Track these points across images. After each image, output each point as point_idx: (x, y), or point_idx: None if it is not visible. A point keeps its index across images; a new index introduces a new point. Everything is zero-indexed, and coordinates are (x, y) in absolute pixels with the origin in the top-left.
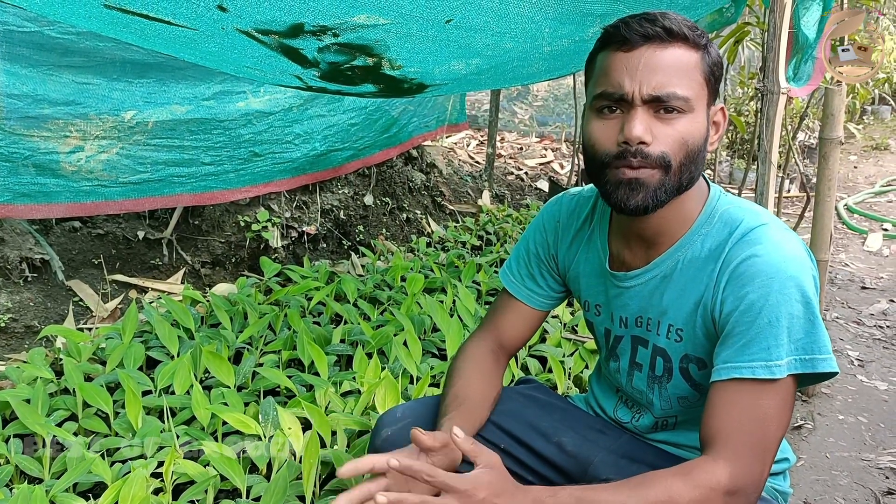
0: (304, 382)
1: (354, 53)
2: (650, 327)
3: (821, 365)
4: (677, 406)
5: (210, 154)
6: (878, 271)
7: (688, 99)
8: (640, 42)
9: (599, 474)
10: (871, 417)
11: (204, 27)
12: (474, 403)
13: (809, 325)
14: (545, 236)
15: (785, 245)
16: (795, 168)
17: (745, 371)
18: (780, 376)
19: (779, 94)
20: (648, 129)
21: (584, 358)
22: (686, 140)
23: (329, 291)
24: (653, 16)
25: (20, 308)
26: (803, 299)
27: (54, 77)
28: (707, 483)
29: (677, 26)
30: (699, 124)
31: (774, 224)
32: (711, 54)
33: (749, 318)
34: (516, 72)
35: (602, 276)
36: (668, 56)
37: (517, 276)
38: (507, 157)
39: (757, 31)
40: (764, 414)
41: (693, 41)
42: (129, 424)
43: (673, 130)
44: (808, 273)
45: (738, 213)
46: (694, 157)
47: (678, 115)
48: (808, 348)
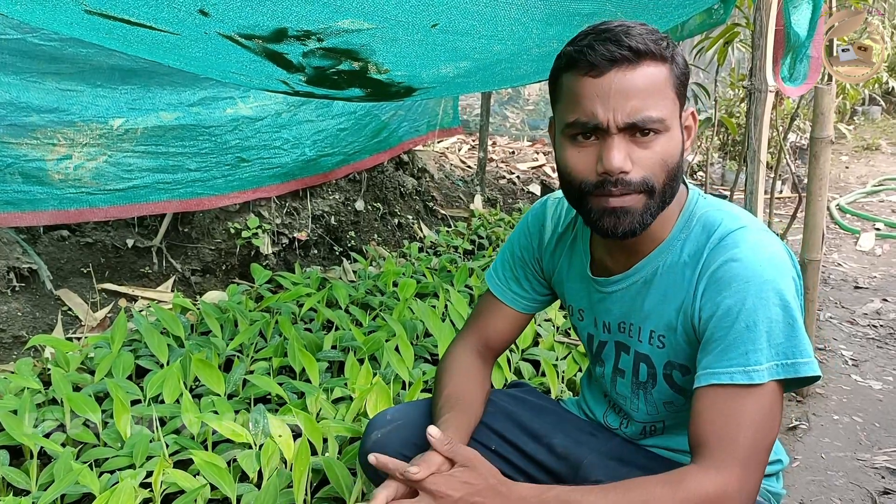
0: (295, 389)
1: (340, 58)
2: (632, 333)
3: (803, 369)
4: (664, 411)
5: (196, 160)
6: (870, 271)
7: (663, 119)
8: (608, 66)
9: (590, 476)
10: (866, 417)
11: (186, 32)
12: (468, 404)
13: (789, 328)
14: (530, 240)
15: (762, 248)
16: (787, 169)
17: (724, 377)
18: (759, 382)
19: (766, 92)
20: (627, 157)
21: (578, 361)
22: (666, 160)
23: (320, 298)
24: (615, 35)
25: (7, 318)
26: (781, 303)
27: (38, 84)
28: (694, 491)
29: (643, 44)
30: (676, 140)
31: (753, 226)
32: (678, 62)
33: (727, 324)
34: (505, 74)
35: (585, 281)
36: (639, 78)
37: (502, 279)
38: (498, 162)
39: (747, 32)
40: (748, 420)
41: (660, 55)
42: (118, 434)
43: (652, 153)
44: (786, 276)
45: (717, 216)
46: (675, 174)
47: (655, 136)
48: (789, 353)
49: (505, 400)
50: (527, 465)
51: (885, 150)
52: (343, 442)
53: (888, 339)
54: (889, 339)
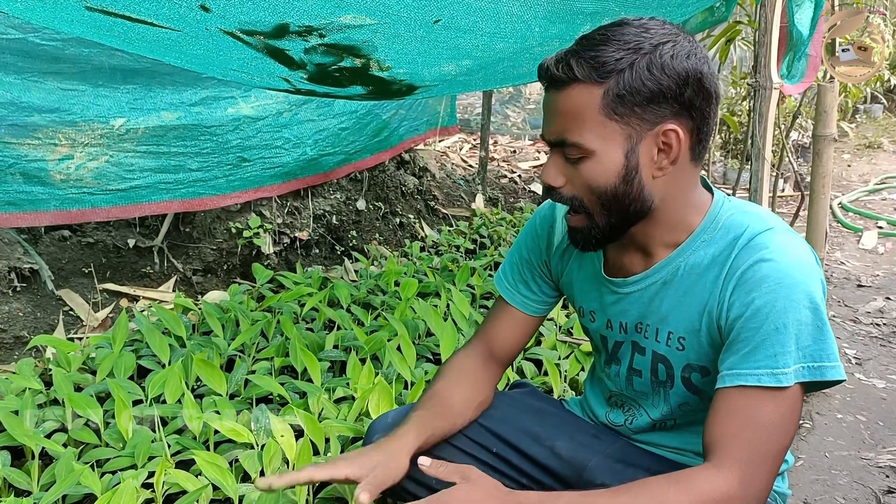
0: (296, 389)
1: (341, 54)
2: (648, 334)
3: (829, 373)
4: (678, 411)
5: (197, 160)
6: (873, 269)
7: (579, 145)
8: (548, 85)
9: (595, 479)
10: (869, 416)
11: (187, 28)
12: (449, 405)
13: (818, 331)
14: (537, 242)
15: (792, 250)
16: (789, 167)
17: (751, 378)
18: (786, 384)
19: (771, 89)
20: (560, 173)
21: (580, 360)
22: (590, 185)
23: (322, 297)
24: (562, 55)
25: (9, 318)
26: (811, 305)
27: (39, 84)
28: (707, 491)
29: (578, 66)
30: (607, 165)
31: (780, 228)
32: (625, 78)
33: (755, 325)
34: (507, 72)
35: (597, 283)
36: (562, 101)
37: (511, 282)
38: (500, 161)
39: (748, 30)
40: (769, 422)
41: (594, 78)
42: (120, 434)
43: (579, 176)
44: (816, 278)
45: (743, 219)
46: (612, 198)
47: (582, 159)
48: (817, 356)
49: (507, 402)
50: (530, 468)
51: (887, 149)
52: (345, 442)
53: (891, 338)
54: (892, 337)
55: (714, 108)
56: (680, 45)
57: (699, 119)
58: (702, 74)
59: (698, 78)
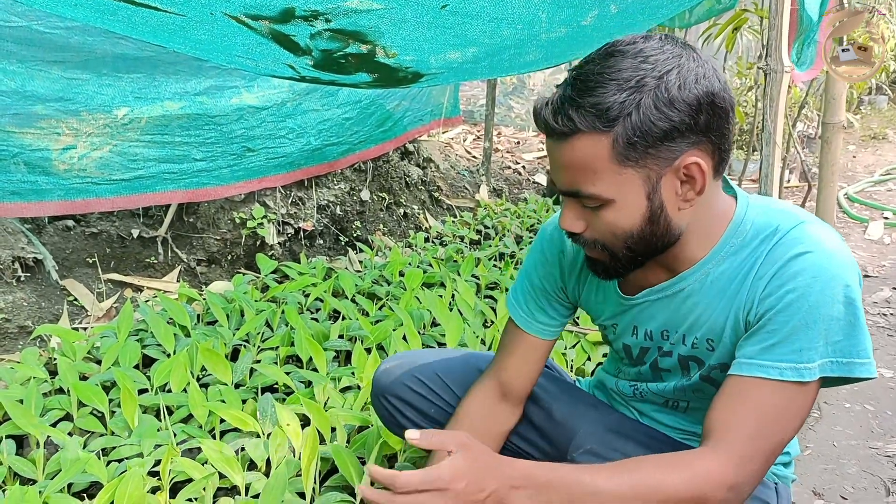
0: (302, 379)
1: (347, 40)
2: (674, 340)
3: (858, 370)
4: (691, 395)
5: (202, 150)
6: (879, 260)
7: (596, 196)
8: (547, 133)
9: (584, 444)
10: (877, 405)
11: (192, 13)
12: None
13: (850, 327)
14: (550, 269)
15: (827, 242)
16: (795, 158)
17: (772, 371)
18: (808, 379)
19: (782, 72)
20: (578, 218)
21: (586, 350)
22: (614, 231)
23: (327, 287)
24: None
25: (13, 308)
26: (846, 300)
27: (43, 73)
28: (702, 475)
29: (580, 117)
30: (629, 210)
31: (811, 220)
32: (633, 122)
33: (785, 318)
34: (513, 60)
35: (617, 298)
36: (567, 153)
37: (527, 312)
38: (504, 152)
39: (755, 18)
40: (779, 415)
41: (599, 127)
42: (126, 423)
43: (600, 222)
44: (853, 271)
45: (771, 219)
46: (638, 240)
47: (601, 206)
48: (847, 351)
49: None
50: (521, 426)
51: (893, 140)
52: (351, 431)
53: None
54: None
55: (732, 119)
56: (685, 68)
57: (718, 138)
58: (713, 95)
59: (710, 100)
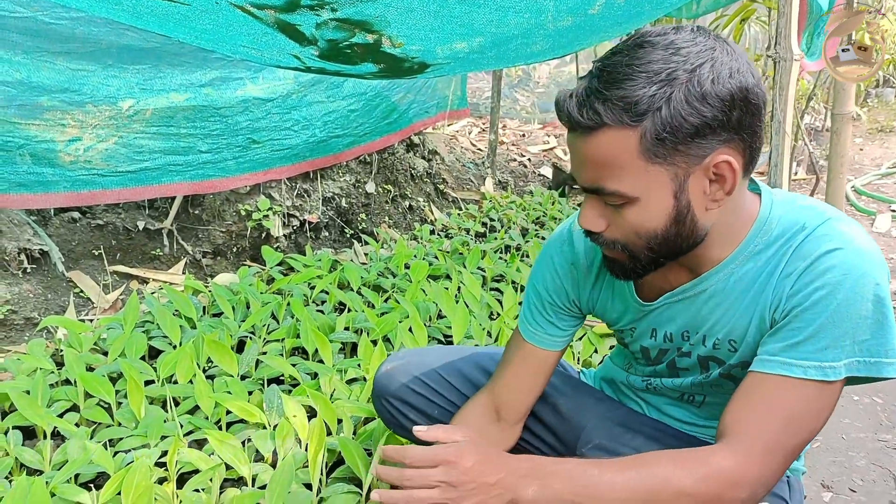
0: (308, 370)
1: (353, 30)
2: (694, 341)
3: (886, 370)
4: (708, 389)
5: (207, 142)
6: (887, 253)
7: (620, 193)
8: (569, 126)
9: (592, 438)
10: (886, 398)
11: (197, 2)
12: None
13: (878, 326)
14: (560, 282)
15: (857, 239)
16: (803, 150)
17: (796, 370)
18: (833, 379)
19: (792, 60)
20: (599, 217)
21: (593, 342)
22: (637, 230)
23: (332, 280)
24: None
25: (19, 300)
26: (875, 298)
27: (49, 64)
28: (720, 472)
29: (606, 110)
30: (655, 210)
31: (838, 216)
32: (663, 117)
33: (812, 316)
34: (520, 50)
35: (635, 304)
36: (592, 147)
37: (537, 327)
38: (509, 145)
39: (763, 9)
40: (801, 415)
41: (626, 122)
42: (132, 414)
43: (622, 220)
44: (882, 269)
45: (797, 216)
46: (662, 241)
47: (624, 205)
48: (874, 350)
49: None
50: (529, 421)
51: None
52: (357, 422)
53: None
54: None
55: (763, 116)
56: (718, 62)
57: (750, 136)
58: (747, 90)
59: (744, 96)
